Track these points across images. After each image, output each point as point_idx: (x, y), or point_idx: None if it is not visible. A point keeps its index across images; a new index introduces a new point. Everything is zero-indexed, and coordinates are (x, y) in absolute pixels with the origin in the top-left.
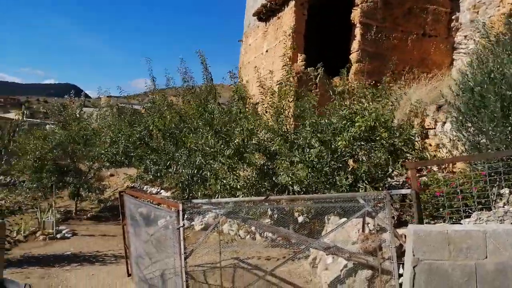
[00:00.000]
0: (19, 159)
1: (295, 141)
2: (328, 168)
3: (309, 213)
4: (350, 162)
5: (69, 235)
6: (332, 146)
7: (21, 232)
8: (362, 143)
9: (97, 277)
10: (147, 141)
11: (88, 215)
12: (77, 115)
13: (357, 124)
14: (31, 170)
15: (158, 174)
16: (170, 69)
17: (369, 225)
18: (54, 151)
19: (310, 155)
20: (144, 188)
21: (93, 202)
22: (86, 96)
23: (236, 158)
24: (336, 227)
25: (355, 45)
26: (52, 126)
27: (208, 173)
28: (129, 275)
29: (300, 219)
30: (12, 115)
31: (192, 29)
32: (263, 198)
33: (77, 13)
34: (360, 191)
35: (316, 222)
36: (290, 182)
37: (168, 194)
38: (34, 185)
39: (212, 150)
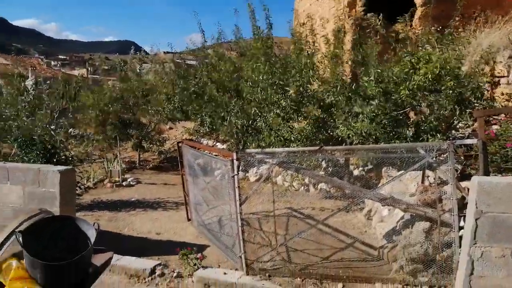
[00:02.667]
0: (83, 113)
1: (353, 92)
2: (389, 120)
3: (365, 166)
4: (412, 114)
5: (134, 183)
6: (394, 97)
7: (91, 179)
8: (426, 93)
9: (160, 221)
10: (201, 94)
11: (151, 165)
12: (137, 70)
13: (421, 71)
14: (96, 123)
15: (213, 127)
16: (225, 22)
17: (429, 178)
18: (115, 104)
19: (370, 107)
20: (201, 141)
21: (154, 153)
22: (145, 52)
23: (291, 109)
24: (393, 178)
25: None
26: (114, 82)
27: (262, 124)
28: (188, 219)
29: (356, 172)
30: (78, 71)
31: None
32: (317, 148)
33: None
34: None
35: (372, 175)
36: (348, 135)
37: (224, 146)
38: (100, 137)
39: (268, 100)
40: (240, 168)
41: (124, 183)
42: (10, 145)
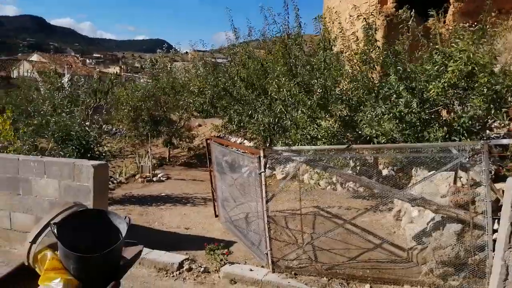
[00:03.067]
0: (117, 109)
1: (381, 90)
2: (417, 119)
3: (395, 165)
4: (443, 113)
5: (164, 179)
6: (423, 95)
7: (123, 174)
8: (458, 91)
9: (188, 216)
10: (230, 91)
11: (180, 161)
12: (168, 68)
13: (450, 68)
14: (128, 120)
15: (241, 124)
16: (254, 20)
17: (461, 179)
18: (147, 101)
19: (397, 105)
20: (229, 138)
21: (184, 150)
22: (176, 50)
23: (318, 108)
24: (424, 179)
25: None
26: (146, 80)
27: (288, 122)
28: (216, 215)
29: (385, 172)
30: (111, 69)
31: None
32: (344, 146)
33: None
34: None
35: (402, 175)
36: (375, 134)
37: (251, 144)
38: (132, 134)
39: (294, 99)
40: (267, 165)
41: (154, 179)
42: (46, 140)
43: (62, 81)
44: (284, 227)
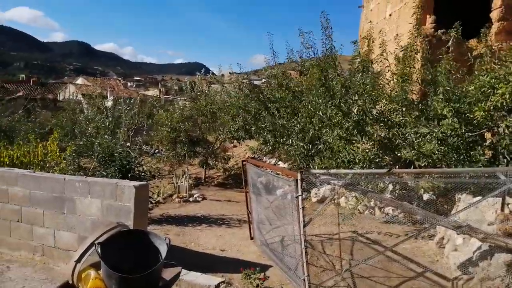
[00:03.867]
0: (157, 131)
1: (423, 111)
2: (461, 141)
3: (436, 190)
4: (488, 135)
5: (200, 199)
6: (467, 117)
7: (161, 194)
8: (505, 113)
9: (224, 238)
10: (264, 114)
11: (215, 182)
12: (206, 91)
13: (499, 91)
14: (167, 141)
15: (276, 146)
16: (290, 41)
17: (509, 205)
18: (186, 123)
19: (440, 127)
20: (263, 159)
21: (219, 170)
22: (213, 73)
23: (355, 130)
24: (468, 206)
25: (497, 1)
26: (184, 102)
27: (323, 146)
28: (251, 238)
29: (426, 196)
30: (151, 92)
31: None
32: (385, 171)
33: None
34: (501, 167)
35: (444, 200)
36: (415, 157)
37: (286, 165)
38: (171, 154)
39: (329, 121)
40: (303, 187)
41: (191, 199)
42: (89, 160)
43: (106, 104)
44: (321, 252)
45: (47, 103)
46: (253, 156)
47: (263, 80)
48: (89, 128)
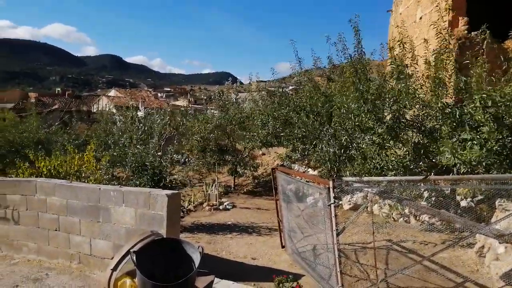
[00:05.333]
0: (187, 140)
1: (460, 116)
2: (502, 146)
3: (475, 197)
4: None
5: (229, 207)
6: (507, 121)
7: (191, 202)
8: None
9: (254, 246)
10: (294, 121)
11: (245, 190)
12: (234, 100)
13: None
14: (197, 149)
15: (305, 153)
16: (316, 49)
17: None
18: (215, 132)
19: (481, 133)
20: (292, 167)
21: (248, 178)
22: (240, 82)
23: (388, 136)
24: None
25: None
26: (213, 111)
27: (355, 152)
28: (282, 246)
29: (463, 203)
30: (180, 102)
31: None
32: (421, 178)
33: (226, 2)
34: None
35: (483, 207)
36: (454, 163)
37: (315, 172)
38: (200, 163)
39: (362, 126)
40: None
41: (220, 207)
42: (122, 169)
43: (138, 115)
44: (355, 261)
45: (82, 115)
46: (282, 163)
47: (290, 87)
48: (122, 139)
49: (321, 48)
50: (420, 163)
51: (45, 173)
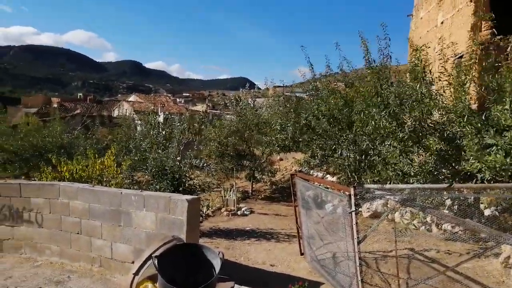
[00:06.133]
0: (206, 145)
1: (484, 122)
2: None
3: (499, 205)
4: None
5: (247, 213)
6: None
7: (210, 207)
8: None
9: (273, 252)
10: (312, 126)
11: (262, 195)
12: (251, 105)
13: None
14: (216, 155)
15: (324, 159)
16: (333, 53)
17: None
18: (232, 137)
19: (505, 138)
20: (310, 173)
21: (266, 184)
22: (257, 87)
23: (410, 141)
24: None
25: None
26: (231, 116)
27: (377, 158)
28: (301, 253)
29: (487, 212)
30: (199, 107)
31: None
32: (445, 186)
33: (242, 8)
34: None
35: (507, 216)
36: (478, 169)
37: (334, 179)
38: (218, 168)
39: (384, 131)
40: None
41: (238, 212)
42: (142, 173)
43: (158, 120)
44: (376, 270)
45: (104, 119)
46: (300, 169)
47: (307, 93)
48: (143, 144)
49: (336, 53)
50: (443, 170)
51: (67, 177)
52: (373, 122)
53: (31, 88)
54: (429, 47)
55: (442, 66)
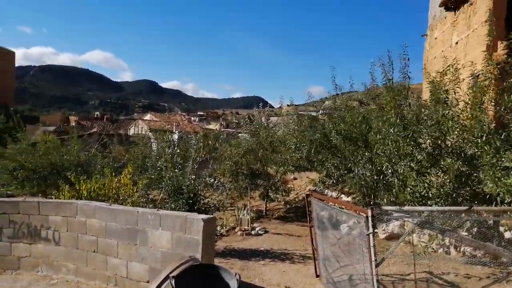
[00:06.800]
0: (220, 164)
1: (502, 143)
2: None
3: None
4: None
5: (261, 232)
6: None
7: (224, 227)
8: None
9: (288, 274)
10: (328, 145)
11: (276, 215)
12: (265, 124)
13: None
14: (230, 173)
15: (340, 179)
16: (354, 74)
17: None
18: (247, 156)
19: None
20: (325, 192)
21: (280, 203)
22: (270, 106)
23: (427, 163)
24: None
25: None
26: (244, 135)
27: (395, 180)
28: (317, 275)
29: (507, 235)
30: (213, 126)
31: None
32: (464, 208)
33: (256, 27)
34: None
35: None
36: (497, 192)
37: (349, 199)
38: (232, 187)
39: (399, 153)
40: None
41: (252, 232)
42: (157, 192)
43: (173, 138)
44: None
45: (122, 138)
46: (314, 188)
47: (321, 112)
48: (159, 162)
49: (348, 71)
50: (462, 192)
51: (85, 195)
52: (390, 143)
53: (49, 107)
54: (447, 70)
55: (458, 87)
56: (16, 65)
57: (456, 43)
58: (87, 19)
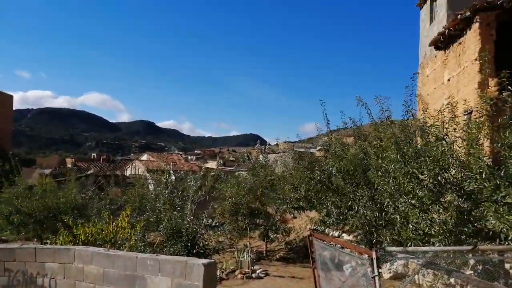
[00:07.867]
0: (219, 203)
1: (502, 178)
2: None
3: None
4: None
5: (262, 275)
6: None
7: (223, 270)
8: None
9: None
10: (327, 184)
11: (277, 256)
12: (263, 162)
13: None
14: (229, 213)
15: (340, 217)
16: (345, 109)
17: None
18: (246, 196)
19: None
20: (326, 231)
21: (280, 243)
22: (268, 144)
23: (428, 200)
24: None
25: None
26: (242, 173)
27: (398, 217)
28: None
29: None
30: (210, 164)
31: (351, 72)
32: (469, 248)
33: (248, 66)
34: None
35: None
36: (500, 228)
37: (350, 237)
38: (232, 227)
39: (400, 190)
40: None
41: (253, 275)
42: (155, 234)
43: (171, 179)
44: None
45: (119, 178)
46: (314, 228)
47: (318, 148)
48: (158, 204)
49: (340, 109)
50: (464, 228)
51: (82, 239)
52: (391, 181)
53: (46, 149)
54: (439, 109)
55: (454, 123)
56: (14, 108)
57: (448, 80)
58: (85, 64)
